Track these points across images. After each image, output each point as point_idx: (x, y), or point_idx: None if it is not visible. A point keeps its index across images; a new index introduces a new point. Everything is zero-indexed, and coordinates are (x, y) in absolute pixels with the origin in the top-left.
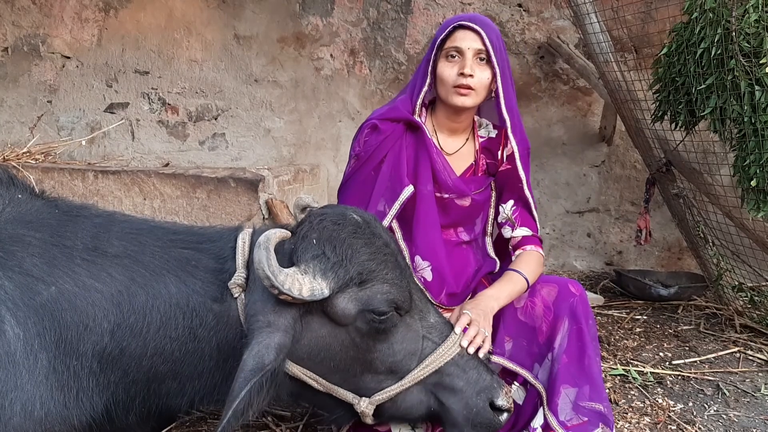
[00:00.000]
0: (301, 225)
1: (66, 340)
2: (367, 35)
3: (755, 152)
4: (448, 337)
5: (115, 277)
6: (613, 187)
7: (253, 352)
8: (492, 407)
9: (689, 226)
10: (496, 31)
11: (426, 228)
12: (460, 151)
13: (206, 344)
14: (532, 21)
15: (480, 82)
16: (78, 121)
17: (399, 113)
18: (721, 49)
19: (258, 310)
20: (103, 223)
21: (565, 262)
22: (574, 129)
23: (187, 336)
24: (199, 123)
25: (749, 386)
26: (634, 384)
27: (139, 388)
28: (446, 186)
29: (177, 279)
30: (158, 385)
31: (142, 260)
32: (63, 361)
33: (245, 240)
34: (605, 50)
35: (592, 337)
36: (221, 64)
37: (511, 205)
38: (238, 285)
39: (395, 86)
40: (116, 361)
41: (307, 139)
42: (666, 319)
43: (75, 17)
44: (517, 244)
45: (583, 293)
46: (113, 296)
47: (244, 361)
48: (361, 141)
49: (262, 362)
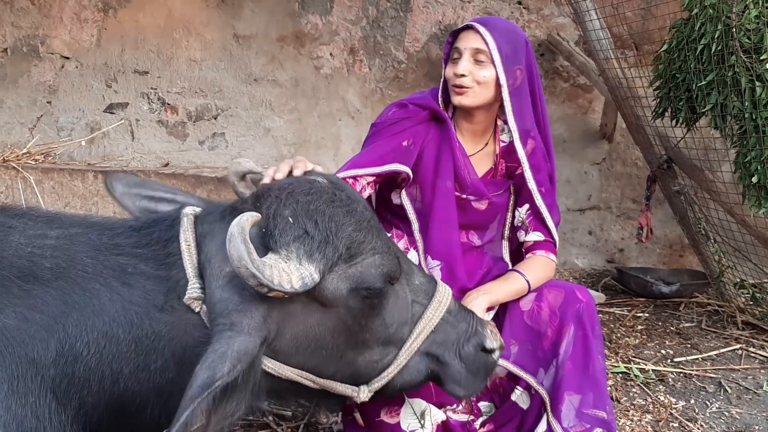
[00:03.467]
0: (262, 201)
1: (18, 377)
2: (366, 33)
3: (756, 148)
4: (434, 296)
5: (49, 303)
6: (614, 185)
7: (205, 364)
8: (483, 350)
9: (690, 223)
10: (509, 34)
11: (443, 224)
12: (480, 154)
13: (159, 357)
14: (531, 18)
15: (476, 80)
16: (77, 122)
17: (428, 102)
18: (722, 46)
19: (219, 312)
20: (37, 235)
21: (566, 260)
22: (575, 126)
23: (133, 351)
24: (199, 123)
25: (751, 383)
26: (636, 381)
27: (104, 414)
28: (465, 184)
29: (111, 292)
30: (120, 407)
31: (73, 278)
32: (19, 400)
33: (189, 239)
34: (605, 47)
35: (598, 343)
36: (221, 63)
37: (526, 209)
38: (194, 299)
39: (395, 85)
40: (68, 391)
41: (307, 138)
42: (668, 316)
43: (74, 18)
44: (529, 248)
45: (590, 299)
46: (49, 325)
47: (194, 374)
48: (383, 115)
49: (213, 376)
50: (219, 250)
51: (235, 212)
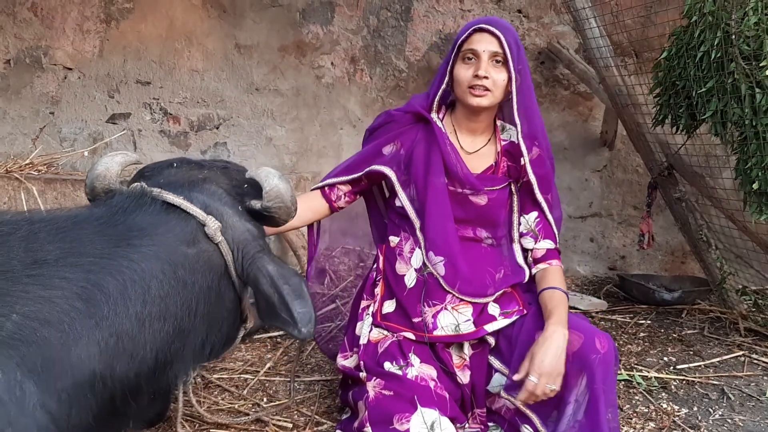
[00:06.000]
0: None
1: (50, 359)
2: (367, 43)
3: (757, 155)
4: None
5: (69, 277)
6: (615, 192)
7: (282, 270)
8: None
9: (692, 229)
10: (515, 35)
11: (437, 219)
12: (480, 151)
13: (196, 288)
14: (532, 26)
15: (495, 84)
16: (80, 132)
17: (411, 107)
18: (721, 53)
19: (248, 240)
20: (27, 235)
21: (568, 267)
22: (576, 134)
23: (177, 284)
24: (201, 132)
25: (754, 390)
26: (639, 389)
27: (144, 367)
28: (458, 177)
29: (132, 247)
30: (164, 354)
31: (86, 252)
32: (52, 382)
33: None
34: (605, 55)
35: (607, 398)
36: (222, 73)
37: (535, 217)
38: (215, 229)
39: (396, 93)
40: (116, 349)
41: (309, 147)
42: (670, 323)
43: (77, 29)
44: (542, 258)
45: (610, 349)
46: (78, 294)
47: (280, 274)
48: (371, 124)
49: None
50: (214, 198)
51: (149, 180)
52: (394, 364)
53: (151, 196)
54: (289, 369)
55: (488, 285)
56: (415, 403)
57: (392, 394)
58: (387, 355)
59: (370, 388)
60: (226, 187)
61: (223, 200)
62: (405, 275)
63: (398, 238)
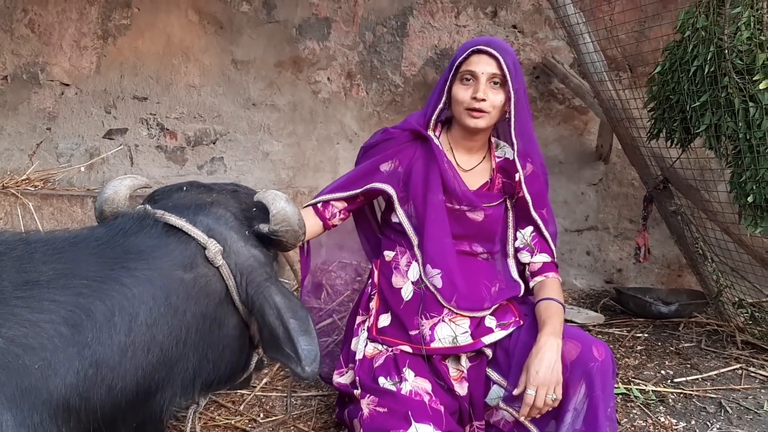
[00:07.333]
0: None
1: (28, 389)
2: (363, 58)
3: (751, 168)
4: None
5: (59, 300)
6: (611, 205)
7: (289, 301)
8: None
9: (688, 242)
10: (513, 56)
11: (436, 236)
12: (476, 169)
13: (188, 315)
14: (526, 42)
15: (493, 105)
16: (77, 148)
17: (408, 125)
18: (714, 67)
19: (254, 266)
20: (22, 255)
21: (565, 281)
22: (571, 148)
23: (167, 311)
24: (198, 147)
25: (752, 403)
26: (636, 402)
27: (123, 399)
28: (456, 195)
29: (125, 270)
30: (146, 384)
31: (80, 273)
32: (29, 414)
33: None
34: (599, 69)
35: (607, 406)
36: (219, 89)
37: (531, 231)
38: (216, 252)
39: (392, 108)
40: (94, 379)
41: (306, 161)
42: (667, 336)
43: (74, 45)
44: (538, 271)
45: (608, 357)
46: (65, 319)
47: (287, 306)
48: (368, 140)
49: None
50: (220, 222)
51: (157, 203)
52: (388, 380)
53: (154, 218)
54: (286, 384)
55: (485, 299)
56: (410, 419)
57: (386, 411)
58: (382, 370)
59: (364, 405)
60: (234, 211)
61: (229, 224)
62: (402, 288)
63: (393, 252)
